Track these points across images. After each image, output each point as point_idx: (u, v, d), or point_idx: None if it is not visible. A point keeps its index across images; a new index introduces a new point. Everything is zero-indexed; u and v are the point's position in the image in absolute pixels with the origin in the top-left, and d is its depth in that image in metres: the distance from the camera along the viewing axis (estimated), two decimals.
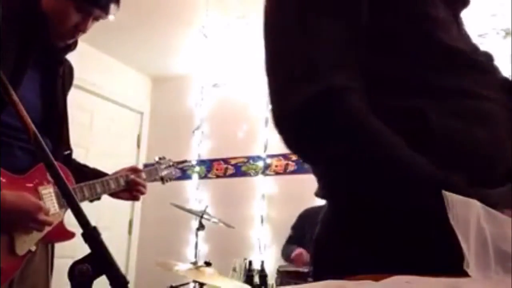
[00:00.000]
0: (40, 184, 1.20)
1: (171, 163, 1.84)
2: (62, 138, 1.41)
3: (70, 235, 1.27)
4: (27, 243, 1.16)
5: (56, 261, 1.39)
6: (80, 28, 1.30)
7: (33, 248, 1.19)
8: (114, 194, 1.50)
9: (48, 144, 1.30)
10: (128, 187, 1.49)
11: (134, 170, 1.56)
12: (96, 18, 1.34)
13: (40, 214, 1.12)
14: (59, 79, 1.39)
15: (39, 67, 1.31)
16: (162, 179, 1.79)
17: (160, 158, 1.83)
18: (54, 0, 1.26)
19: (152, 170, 1.71)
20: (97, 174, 1.47)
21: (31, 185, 1.19)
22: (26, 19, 1.25)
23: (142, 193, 1.54)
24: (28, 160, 1.20)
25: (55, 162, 0.64)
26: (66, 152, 1.43)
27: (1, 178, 1.13)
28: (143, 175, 1.57)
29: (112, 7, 1.35)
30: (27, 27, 1.25)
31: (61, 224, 1.25)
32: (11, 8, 1.25)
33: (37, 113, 1.29)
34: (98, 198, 1.48)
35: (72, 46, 1.40)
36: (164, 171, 1.78)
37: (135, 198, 1.54)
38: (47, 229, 1.19)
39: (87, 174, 1.43)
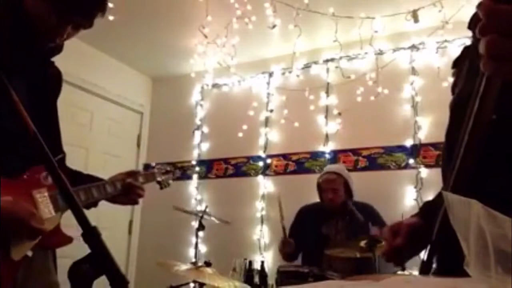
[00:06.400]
0: (34, 187, 1.16)
1: (168, 169, 1.82)
2: (52, 142, 1.35)
3: (67, 240, 1.24)
4: (22, 249, 1.13)
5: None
6: (59, 33, 1.23)
7: (30, 253, 1.16)
8: (113, 200, 1.48)
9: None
10: (125, 191, 1.47)
11: (131, 174, 1.53)
12: (77, 27, 1.26)
13: (33, 221, 1.09)
14: (47, 83, 1.35)
15: (26, 70, 1.27)
16: (160, 184, 1.76)
17: (156, 164, 1.82)
18: (36, 1, 1.20)
19: (149, 174, 1.68)
20: (92, 179, 1.44)
21: (24, 189, 1.15)
22: (9, 18, 1.21)
23: (140, 196, 1.51)
24: (20, 164, 1.17)
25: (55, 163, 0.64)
26: (59, 157, 1.38)
27: None
28: (140, 178, 1.55)
29: (96, 17, 1.26)
30: (10, 26, 1.21)
31: (57, 228, 1.22)
32: None
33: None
34: (95, 205, 1.46)
35: (57, 50, 1.35)
36: (161, 176, 1.75)
37: (133, 202, 1.51)
38: (43, 233, 1.15)
39: (83, 180, 1.40)
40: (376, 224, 2.67)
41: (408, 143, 3.48)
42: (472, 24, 0.96)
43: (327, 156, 3.75)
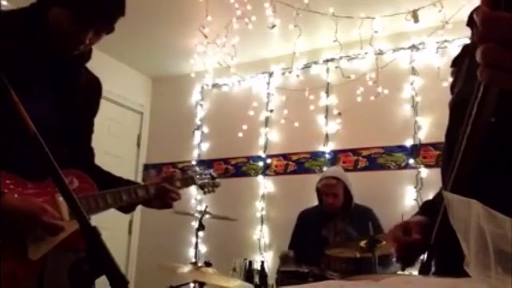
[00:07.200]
0: (57, 191, 1.17)
1: (211, 173, 1.78)
2: (82, 147, 1.40)
3: None
4: (41, 249, 1.13)
5: None
6: (80, 40, 1.25)
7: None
8: (147, 204, 1.48)
9: (64, 154, 1.28)
10: (159, 195, 1.47)
11: (167, 178, 1.53)
12: (99, 32, 1.29)
13: (45, 216, 1.08)
14: (78, 90, 1.37)
15: (54, 79, 1.30)
16: (203, 188, 1.74)
17: (200, 169, 1.80)
18: (56, 10, 1.23)
19: (188, 178, 1.65)
20: (128, 183, 1.44)
21: (48, 192, 1.17)
22: (32, 28, 1.24)
23: (175, 200, 1.51)
24: (40, 167, 1.18)
25: (56, 163, 0.64)
26: (87, 160, 1.42)
27: (15, 186, 1.12)
28: (178, 183, 1.54)
29: (116, 20, 1.30)
30: (33, 35, 1.24)
31: None
32: (19, 17, 1.25)
33: (51, 124, 1.26)
34: (132, 209, 1.46)
35: (85, 57, 1.38)
36: (203, 180, 1.72)
37: (167, 206, 1.50)
38: (64, 234, 1.15)
39: (118, 184, 1.41)
40: (373, 228, 2.66)
41: (408, 143, 3.48)
42: (471, 21, 0.96)
43: (327, 156, 3.75)
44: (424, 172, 3.38)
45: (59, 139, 1.26)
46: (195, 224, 3.25)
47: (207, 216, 2.89)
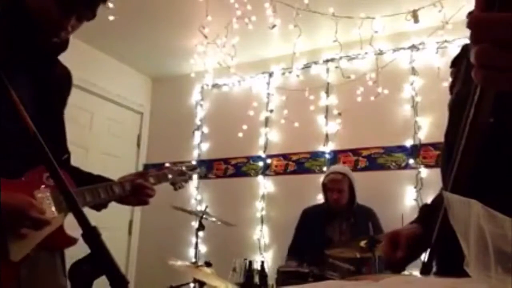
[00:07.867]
0: (36, 188, 1.13)
1: (183, 169, 1.77)
2: (59, 142, 1.35)
3: (71, 241, 1.21)
4: (23, 249, 1.09)
5: None
6: (63, 26, 1.20)
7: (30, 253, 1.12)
8: (122, 201, 1.45)
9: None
10: (135, 192, 1.44)
11: (141, 175, 1.51)
12: (81, 18, 1.25)
13: (33, 211, 1.05)
14: (53, 82, 1.32)
15: (30, 68, 1.25)
16: (174, 185, 1.72)
17: (171, 164, 1.79)
18: None
19: (161, 174, 1.63)
20: (102, 180, 1.41)
21: (26, 189, 1.12)
22: (10, 15, 1.18)
23: (150, 197, 1.48)
24: (20, 165, 1.14)
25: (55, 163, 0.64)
26: (64, 157, 1.37)
27: None
28: (151, 179, 1.52)
29: (98, 6, 1.25)
30: (10, 24, 1.18)
31: (61, 229, 1.19)
32: None
33: (32, 119, 1.22)
34: (105, 206, 1.44)
35: (62, 47, 1.33)
36: (175, 177, 1.70)
37: (143, 202, 1.48)
38: (45, 233, 1.11)
39: (92, 180, 1.37)
40: (372, 228, 2.66)
41: (408, 143, 3.48)
42: None
43: (327, 156, 3.75)
44: (424, 172, 3.38)
45: (41, 135, 1.22)
46: (195, 224, 3.25)
47: (211, 218, 2.89)
